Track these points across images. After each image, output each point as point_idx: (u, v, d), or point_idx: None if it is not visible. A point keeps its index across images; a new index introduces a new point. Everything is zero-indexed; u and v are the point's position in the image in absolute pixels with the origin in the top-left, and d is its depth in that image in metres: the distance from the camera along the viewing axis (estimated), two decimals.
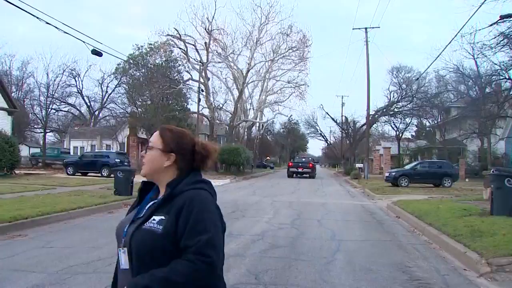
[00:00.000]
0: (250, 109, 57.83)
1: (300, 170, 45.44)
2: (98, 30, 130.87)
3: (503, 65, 27.70)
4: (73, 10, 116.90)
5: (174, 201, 2.01)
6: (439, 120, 51.29)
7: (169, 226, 1.97)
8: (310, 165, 46.47)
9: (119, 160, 32.13)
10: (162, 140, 2.15)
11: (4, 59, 51.49)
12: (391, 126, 59.12)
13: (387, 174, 30.18)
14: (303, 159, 51.71)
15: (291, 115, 73.26)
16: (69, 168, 33.00)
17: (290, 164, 48.95)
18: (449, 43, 32.83)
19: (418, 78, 42.24)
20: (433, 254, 8.30)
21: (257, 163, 69.88)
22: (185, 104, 50.50)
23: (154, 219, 2.01)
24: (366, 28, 39.34)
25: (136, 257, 2.01)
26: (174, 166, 2.14)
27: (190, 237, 1.92)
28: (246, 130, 62.42)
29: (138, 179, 19.60)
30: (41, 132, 55.34)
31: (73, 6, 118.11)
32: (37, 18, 14.31)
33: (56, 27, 15.29)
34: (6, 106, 30.61)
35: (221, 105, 51.14)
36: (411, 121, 56.77)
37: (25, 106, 52.14)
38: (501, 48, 21.43)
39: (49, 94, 50.12)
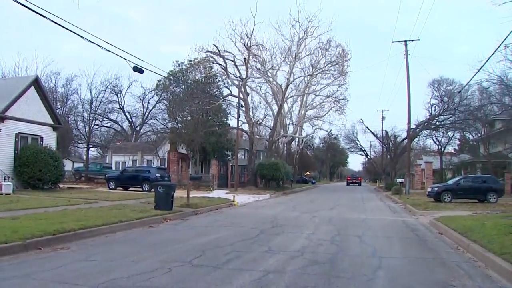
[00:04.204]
0: (289, 124, 57.95)
1: (354, 181, 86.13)
2: (141, 48, 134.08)
3: None
4: (121, 28, 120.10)
5: None
6: (482, 133, 49.95)
7: None
8: (360, 178, 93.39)
9: (159, 175, 32.66)
10: None
11: (50, 76, 53.19)
12: (433, 140, 58.44)
13: (429, 189, 29.63)
14: (354, 176, 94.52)
15: (331, 130, 73.28)
16: (111, 182, 33.77)
17: (349, 178, 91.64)
18: (493, 53, 31.80)
19: (460, 91, 41.45)
20: (478, 273, 7.99)
21: (297, 178, 69.69)
22: (225, 119, 50.89)
23: None
24: (405, 41, 38.96)
25: None
26: None
27: None
28: (285, 145, 62.37)
29: (178, 194, 19.64)
30: (84, 147, 56.91)
31: (121, 24, 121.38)
32: (81, 36, 14.67)
33: (98, 45, 15.59)
34: (51, 122, 31.44)
35: (260, 120, 51.26)
36: (453, 134, 55.84)
37: (69, 122, 53.62)
38: None
39: (92, 110, 51.55)
